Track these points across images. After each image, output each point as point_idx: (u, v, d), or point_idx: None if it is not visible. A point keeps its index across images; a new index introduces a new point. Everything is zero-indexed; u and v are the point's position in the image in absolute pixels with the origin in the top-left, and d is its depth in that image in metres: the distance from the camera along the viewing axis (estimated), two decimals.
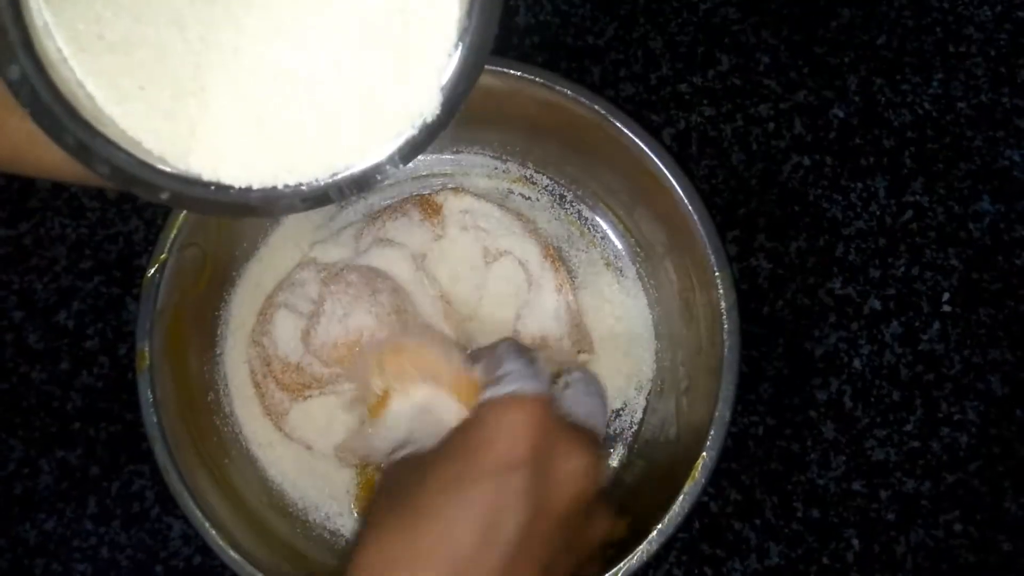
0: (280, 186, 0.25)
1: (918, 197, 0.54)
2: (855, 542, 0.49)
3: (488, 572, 0.29)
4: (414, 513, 0.29)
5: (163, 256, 0.44)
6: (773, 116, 0.55)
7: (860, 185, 0.54)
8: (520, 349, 0.36)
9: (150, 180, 0.24)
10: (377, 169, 0.25)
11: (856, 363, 0.51)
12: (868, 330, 0.52)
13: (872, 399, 0.51)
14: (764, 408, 0.51)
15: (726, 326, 0.44)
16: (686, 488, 0.42)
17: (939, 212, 0.54)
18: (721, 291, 0.44)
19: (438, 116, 0.25)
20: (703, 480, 0.42)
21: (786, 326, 0.52)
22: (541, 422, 0.31)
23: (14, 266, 0.51)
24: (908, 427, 0.51)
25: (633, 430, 0.50)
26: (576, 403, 0.36)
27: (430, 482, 0.30)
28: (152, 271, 0.44)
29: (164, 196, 0.24)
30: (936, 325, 0.52)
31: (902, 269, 0.53)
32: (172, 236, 0.44)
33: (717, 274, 0.45)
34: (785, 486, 0.50)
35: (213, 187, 0.25)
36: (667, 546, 0.43)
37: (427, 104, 0.25)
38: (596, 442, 0.35)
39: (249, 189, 0.25)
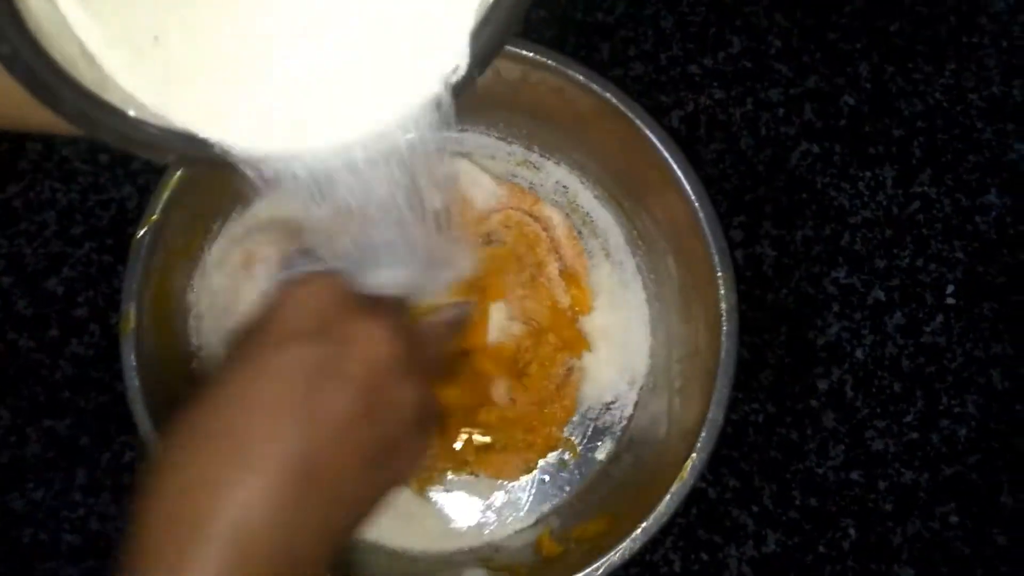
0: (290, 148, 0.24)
1: (926, 188, 0.54)
2: (852, 531, 0.49)
3: (284, 447, 0.28)
4: (208, 395, 0.29)
5: (153, 217, 0.43)
6: (783, 101, 0.54)
7: (868, 174, 0.53)
8: (309, 252, 0.34)
9: (157, 143, 0.23)
10: (395, 134, 0.24)
11: (858, 353, 0.51)
12: (871, 320, 0.51)
13: (873, 390, 0.51)
14: (765, 396, 0.50)
15: (725, 328, 0.43)
16: (673, 488, 0.41)
17: (946, 204, 0.53)
18: (722, 292, 0.43)
19: (464, 75, 0.24)
20: (691, 481, 0.41)
21: (789, 314, 0.51)
22: (329, 293, 0.31)
23: (2, 230, 0.50)
24: (908, 418, 0.51)
25: (622, 425, 0.50)
26: (374, 272, 0.34)
27: (225, 364, 0.30)
28: (142, 232, 0.43)
29: (171, 158, 0.24)
30: (939, 318, 0.52)
31: (907, 260, 0.52)
32: (164, 198, 0.43)
33: (720, 275, 0.44)
34: (784, 474, 0.50)
35: (221, 147, 0.24)
36: (664, 531, 0.43)
37: (453, 61, 0.23)
38: (396, 307, 0.33)
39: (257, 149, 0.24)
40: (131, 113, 0.23)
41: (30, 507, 0.48)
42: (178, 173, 0.43)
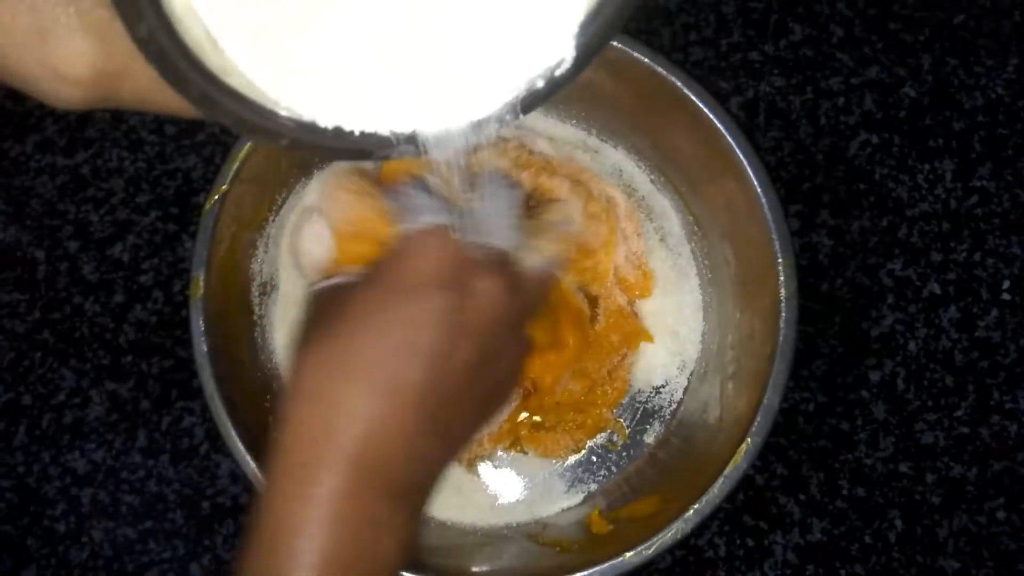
0: (396, 133, 0.25)
1: (985, 183, 0.53)
2: (898, 523, 0.49)
3: (414, 383, 0.30)
4: (344, 332, 0.31)
5: (223, 188, 0.44)
6: (844, 91, 0.54)
7: (927, 167, 0.53)
8: (423, 184, 0.36)
9: (272, 128, 0.24)
10: (494, 120, 0.25)
11: (911, 346, 0.51)
12: (925, 313, 0.51)
13: (925, 383, 0.51)
14: (816, 385, 0.50)
15: (784, 315, 0.43)
16: (727, 471, 0.42)
17: (1005, 199, 0.53)
18: (782, 279, 0.43)
19: (568, 69, 0.24)
20: (744, 465, 0.42)
21: (844, 304, 0.51)
22: (448, 246, 0.32)
23: (71, 195, 0.51)
24: (959, 413, 0.50)
25: (671, 408, 0.50)
26: (477, 227, 0.36)
27: (356, 306, 0.32)
28: (211, 202, 0.43)
29: (284, 143, 0.24)
30: (994, 313, 0.52)
31: (964, 254, 0.52)
32: (234, 168, 0.44)
33: (780, 261, 0.44)
34: (832, 463, 0.50)
35: (332, 133, 0.24)
36: (711, 515, 0.43)
37: (558, 54, 0.24)
38: (505, 261, 0.35)
39: (365, 134, 0.24)
40: (252, 99, 0.23)
41: (91, 467, 0.49)
42: (247, 145, 0.44)
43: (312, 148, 0.24)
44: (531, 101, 0.24)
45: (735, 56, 0.54)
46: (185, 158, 0.51)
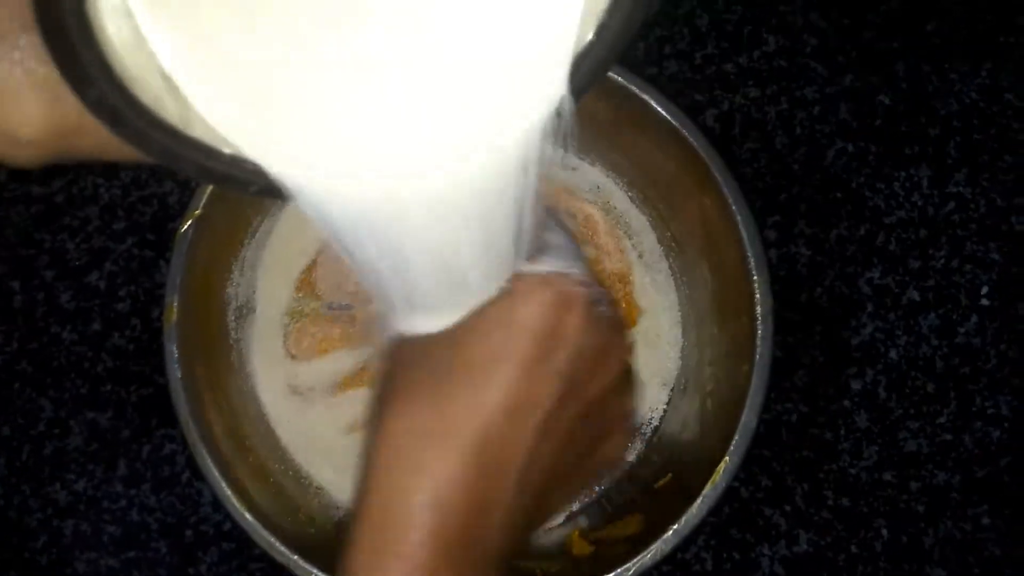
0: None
1: (961, 188, 0.53)
2: (884, 532, 0.49)
3: (515, 449, 0.28)
4: (443, 386, 0.29)
5: (197, 212, 0.43)
6: (819, 100, 0.54)
7: (903, 174, 0.53)
8: (560, 221, 0.34)
9: (239, 177, 0.23)
10: (480, 162, 0.24)
11: (892, 354, 0.51)
12: (905, 321, 0.51)
13: (906, 390, 0.51)
14: (798, 396, 0.50)
15: (760, 332, 0.43)
16: (705, 491, 0.42)
17: (981, 204, 0.53)
18: (758, 296, 0.44)
19: (555, 111, 0.24)
20: (723, 484, 0.42)
21: (823, 314, 0.51)
22: (581, 306, 0.30)
23: (46, 225, 0.51)
24: (941, 420, 0.50)
25: (652, 426, 0.50)
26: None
27: (462, 356, 0.29)
28: (186, 226, 0.43)
29: (252, 190, 0.24)
30: (974, 318, 0.52)
31: (942, 261, 0.52)
32: (207, 192, 0.43)
33: (755, 278, 0.44)
34: (816, 474, 0.50)
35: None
36: (696, 530, 0.43)
37: (549, 100, 0.23)
38: (623, 325, 0.34)
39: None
40: (215, 148, 0.23)
41: (72, 498, 0.49)
42: None
43: (282, 195, 0.24)
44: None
45: (710, 68, 0.54)
46: (160, 184, 0.51)
